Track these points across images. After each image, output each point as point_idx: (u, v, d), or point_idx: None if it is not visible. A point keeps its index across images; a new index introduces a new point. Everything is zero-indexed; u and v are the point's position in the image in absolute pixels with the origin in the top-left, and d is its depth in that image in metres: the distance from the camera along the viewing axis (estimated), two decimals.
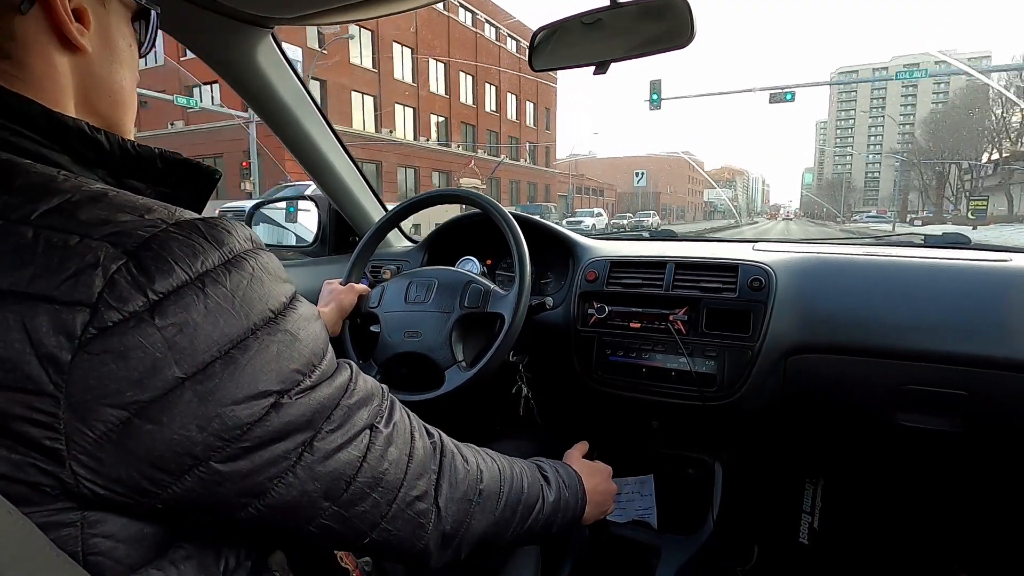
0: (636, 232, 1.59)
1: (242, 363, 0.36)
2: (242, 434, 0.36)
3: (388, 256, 1.40)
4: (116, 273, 0.33)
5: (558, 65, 0.96)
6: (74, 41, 0.42)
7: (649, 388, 1.12)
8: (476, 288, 0.98)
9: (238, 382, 0.36)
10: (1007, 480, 1.09)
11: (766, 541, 1.31)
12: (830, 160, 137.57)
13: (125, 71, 0.48)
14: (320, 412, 0.41)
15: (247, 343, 0.37)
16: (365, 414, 0.45)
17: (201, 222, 0.38)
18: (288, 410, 0.38)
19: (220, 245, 0.37)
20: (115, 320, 0.32)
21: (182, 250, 0.35)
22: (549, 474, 0.67)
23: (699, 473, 1.27)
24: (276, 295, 0.40)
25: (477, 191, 1.11)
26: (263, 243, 0.43)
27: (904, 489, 1.26)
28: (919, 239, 1.26)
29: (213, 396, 0.35)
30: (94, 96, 0.46)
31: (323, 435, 0.41)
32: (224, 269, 0.37)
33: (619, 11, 0.86)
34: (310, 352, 0.41)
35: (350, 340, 1.04)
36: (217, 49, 1.02)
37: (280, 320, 0.39)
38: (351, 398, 0.44)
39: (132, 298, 0.33)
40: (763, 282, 1.05)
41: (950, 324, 0.94)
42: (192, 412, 0.34)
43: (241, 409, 0.36)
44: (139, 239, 0.34)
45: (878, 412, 1.00)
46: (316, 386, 0.41)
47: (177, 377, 0.34)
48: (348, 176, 1.36)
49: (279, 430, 0.38)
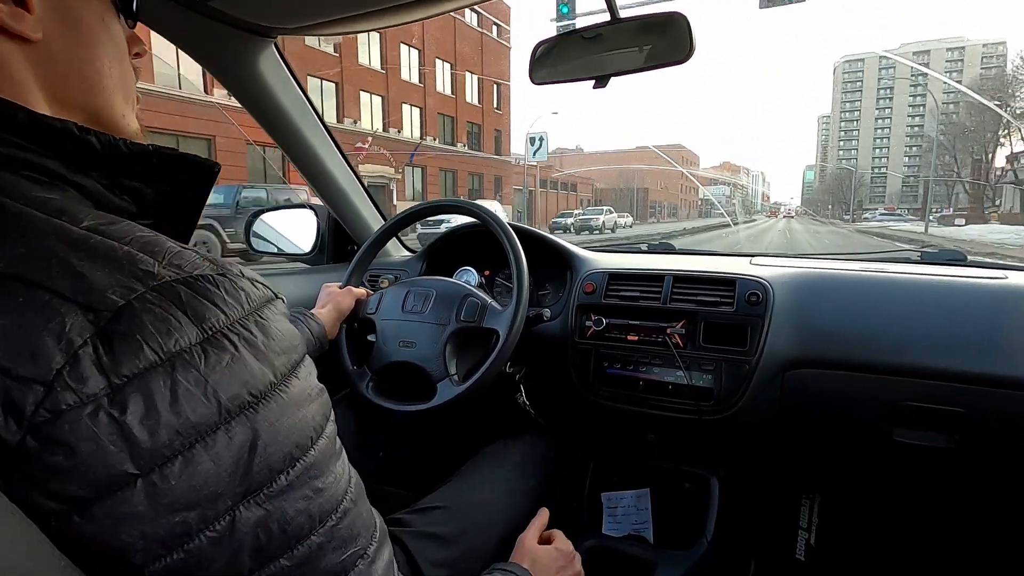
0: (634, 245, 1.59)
1: (203, 460, 0.31)
2: (184, 541, 0.31)
3: (386, 265, 1.40)
4: (81, 348, 0.29)
5: (558, 79, 0.97)
6: (9, 29, 0.36)
7: (646, 401, 1.11)
8: (473, 302, 0.98)
9: (194, 483, 0.31)
10: (1003, 497, 1.09)
11: (762, 557, 1.30)
12: (834, 154, 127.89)
13: (102, 50, 0.42)
14: (280, 541, 0.34)
15: (214, 437, 0.31)
16: (339, 557, 0.37)
17: (185, 287, 0.33)
18: (241, 521, 0.32)
19: (200, 321, 0.32)
20: (69, 403, 0.28)
21: (155, 325, 0.31)
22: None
23: (696, 487, 1.26)
24: (259, 375, 0.34)
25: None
26: (269, 294, 0.38)
27: (901, 506, 1.26)
28: (915, 255, 1.27)
29: (165, 498, 0.30)
30: (65, 87, 0.40)
31: (274, 569, 0.34)
32: (200, 349, 0.32)
33: (619, 26, 0.87)
34: (292, 443, 0.35)
35: (346, 345, 1.04)
36: (220, 58, 1.02)
37: (260, 406, 0.33)
38: (329, 535, 0.36)
39: (92, 380, 0.29)
40: (761, 296, 1.05)
41: (947, 341, 0.94)
42: (136, 515, 0.30)
43: (192, 514, 0.31)
44: (111, 306, 0.30)
45: (875, 428, 1.00)
46: (288, 491, 0.34)
47: (129, 473, 0.29)
48: (348, 185, 1.36)
49: (224, 550, 0.32)
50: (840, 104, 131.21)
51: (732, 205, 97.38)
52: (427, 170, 25.35)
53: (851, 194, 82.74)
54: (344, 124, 20.21)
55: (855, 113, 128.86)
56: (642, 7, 0.87)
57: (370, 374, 1.00)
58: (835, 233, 28.13)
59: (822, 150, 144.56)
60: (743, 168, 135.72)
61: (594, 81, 0.93)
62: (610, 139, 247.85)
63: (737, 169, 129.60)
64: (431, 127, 25.78)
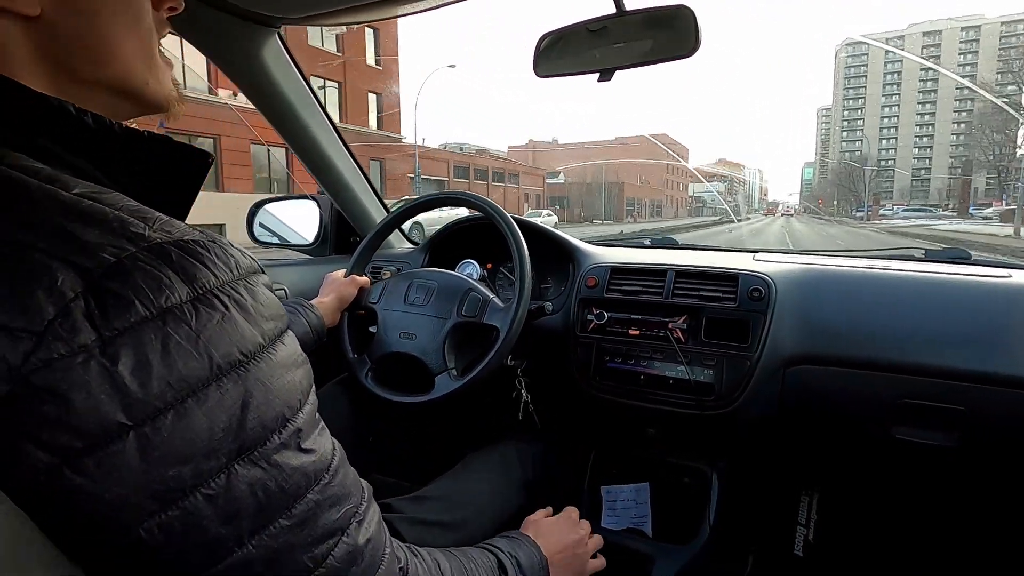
0: (637, 239, 1.59)
1: (196, 414, 0.31)
2: (178, 499, 0.31)
3: (389, 257, 1.40)
4: (72, 301, 0.29)
5: (562, 72, 0.96)
6: (3, 6, 0.36)
7: (647, 396, 1.12)
8: (475, 297, 0.99)
9: (187, 436, 0.31)
10: (1003, 496, 1.09)
11: (761, 552, 1.31)
12: (836, 147, 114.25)
13: (110, 17, 0.40)
14: (278, 499, 0.35)
15: (206, 392, 0.32)
16: (335, 515, 0.38)
17: (176, 247, 0.33)
18: (237, 481, 0.33)
19: (190, 280, 0.33)
20: (61, 352, 0.29)
21: (146, 282, 0.31)
22: (507, 566, 0.62)
23: (695, 482, 1.27)
24: (249, 336, 0.35)
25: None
26: (256, 266, 0.39)
27: (900, 503, 1.26)
28: (919, 253, 1.26)
29: (158, 451, 0.30)
30: (72, 61, 0.39)
31: (275, 530, 0.34)
32: (191, 306, 0.32)
33: (625, 19, 0.87)
34: (282, 403, 0.36)
35: (347, 333, 1.04)
36: (223, 48, 1.02)
37: (251, 364, 0.34)
38: (324, 492, 0.37)
39: (83, 331, 0.29)
40: (763, 292, 1.05)
41: (949, 339, 0.94)
42: (128, 467, 0.30)
43: (186, 469, 0.31)
44: (103, 263, 0.31)
45: (875, 425, 1.00)
46: (281, 449, 0.35)
47: (122, 424, 0.29)
48: (351, 177, 1.36)
49: (221, 508, 0.32)
50: (842, 92, 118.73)
51: (731, 202, 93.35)
52: (221, 144, 14.38)
53: (865, 187, 68.07)
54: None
55: (859, 101, 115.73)
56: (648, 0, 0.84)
57: (370, 363, 1.01)
58: (855, 234, 21.66)
59: (822, 145, 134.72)
60: (741, 165, 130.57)
61: (599, 75, 0.93)
62: (597, 132, 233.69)
63: (735, 166, 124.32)
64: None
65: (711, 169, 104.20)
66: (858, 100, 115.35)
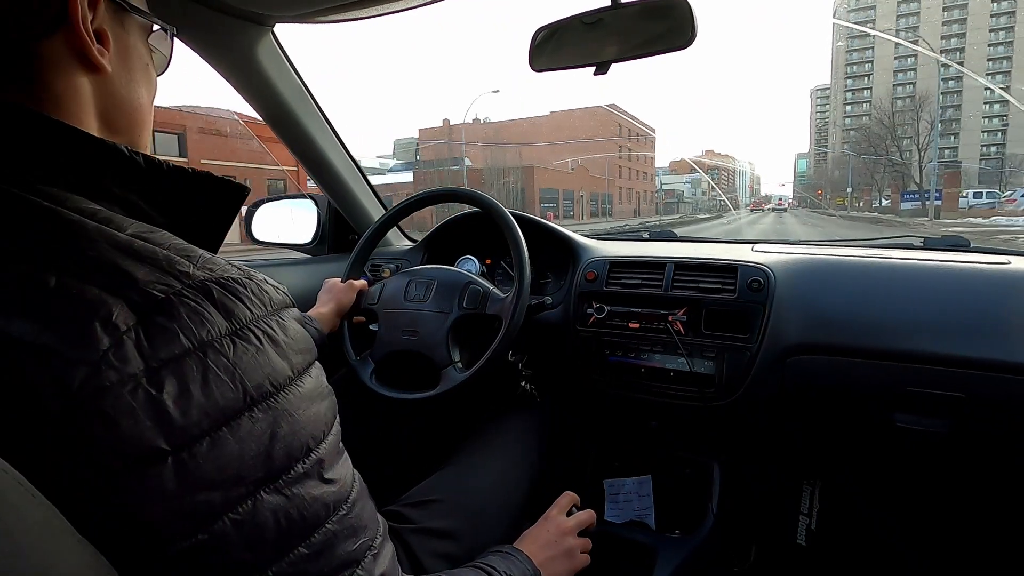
0: (636, 232, 1.59)
1: (229, 443, 0.34)
2: (207, 523, 0.33)
3: (388, 255, 1.40)
4: (125, 334, 0.32)
5: (558, 65, 0.96)
6: (95, 62, 0.42)
7: (648, 388, 1.12)
8: (475, 289, 0.99)
9: (219, 463, 0.33)
10: (1004, 482, 1.09)
11: (764, 542, 1.31)
12: (838, 130, 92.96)
13: (142, 89, 0.48)
14: (298, 527, 0.36)
15: (239, 421, 0.34)
16: (351, 547, 0.40)
17: (217, 285, 0.37)
18: (262, 507, 0.35)
19: (229, 315, 0.36)
20: (112, 380, 0.31)
21: (190, 316, 0.34)
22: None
23: (697, 474, 1.27)
24: (280, 369, 0.37)
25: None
26: (287, 300, 0.42)
27: (902, 491, 1.27)
28: (918, 241, 1.26)
29: (192, 475, 0.32)
30: (114, 116, 0.46)
31: (294, 558, 0.36)
32: (229, 340, 0.35)
33: (620, 11, 0.86)
34: (308, 435, 0.38)
35: (348, 337, 1.04)
36: (217, 47, 1.02)
37: (280, 396, 0.37)
38: (341, 522, 0.39)
39: (133, 361, 0.32)
40: (762, 283, 1.05)
41: (949, 326, 0.94)
42: (164, 490, 0.32)
43: (216, 495, 0.33)
44: (152, 300, 0.34)
45: (876, 414, 1.00)
46: (304, 480, 0.37)
47: (161, 449, 0.32)
48: (348, 175, 1.36)
49: (246, 534, 0.34)
50: (842, 69, 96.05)
51: (715, 196, 77.73)
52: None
53: (919, 154, 42.09)
54: None
55: (863, 77, 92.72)
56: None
57: (373, 364, 1.01)
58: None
59: (818, 132, 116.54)
60: (730, 156, 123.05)
61: (595, 68, 0.93)
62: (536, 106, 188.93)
63: (724, 157, 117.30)
64: None
65: (697, 160, 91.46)
66: (861, 67, 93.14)
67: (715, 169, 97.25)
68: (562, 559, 0.77)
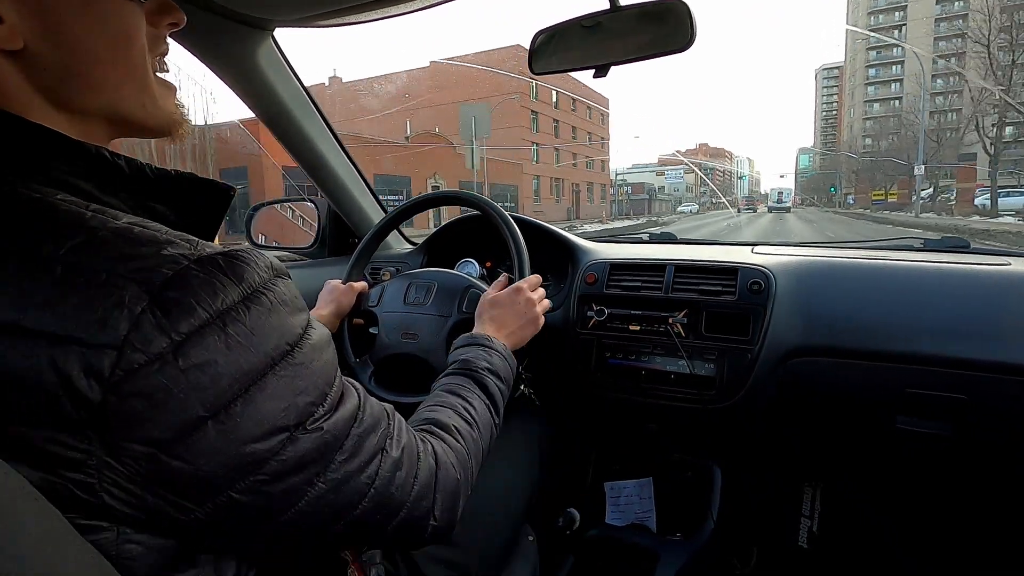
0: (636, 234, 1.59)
1: (260, 400, 0.37)
2: (259, 468, 0.37)
3: (388, 258, 1.40)
4: (141, 315, 0.33)
5: (557, 68, 0.96)
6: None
7: (648, 391, 1.12)
8: (475, 293, 0.98)
9: (256, 419, 0.37)
10: (1006, 484, 1.09)
11: (765, 544, 1.31)
12: (857, 109, 71.02)
13: (95, 43, 0.41)
14: (332, 443, 0.42)
15: (265, 380, 0.37)
16: (374, 439, 0.46)
17: (222, 257, 0.38)
18: (302, 444, 0.39)
19: (239, 281, 0.38)
20: (140, 362, 0.33)
21: (203, 288, 0.36)
22: (494, 392, 0.70)
23: (698, 476, 1.27)
24: (291, 326, 0.40)
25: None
26: (283, 267, 0.43)
27: (903, 493, 1.26)
28: (919, 243, 1.26)
29: (234, 433, 0.36)
30: (63, 91, 0.41)
31: (336, 465, 0.42)
32: (244, 305, 0.37)
33: (619, 14, 0.86)
34: (323, 382, 0.42)
35: (348, 339, 1.04)
36: (217, 51, 1.02)
37: (296, 352, 0.40)
38: (360, 426, 0.45)
39: (156, 340, 0.33)
40: (762, 285, 1.05)
41: (950, 328, 0.94)
42: (214, 448, 0.35)
43: (259, 445, 0.37)
44: (162, 277, 0.35)
45: (877, 416, 1.00)
46: (328, 415, 0.42)
47: (200, 416, 0.34)
48: (348, 178, 1.36)
49: (294, 463, 0.39)
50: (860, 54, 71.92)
51: (703, 193, 69.03)
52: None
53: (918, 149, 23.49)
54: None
55: (894, 33, 65.40)
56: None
57: (372, 366, 1.01)
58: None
59: (821, 122, 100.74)
60: (726, 151, 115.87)
61: (594, 71, 0.93)
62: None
63: (719, 152, 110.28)
64: None
65: (690, 154, 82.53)
66: (891, 30, 65.85)
67: (708, 166, 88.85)
68: (528, 325, 0.86)
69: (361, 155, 22.34)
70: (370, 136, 26.07)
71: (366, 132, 28.95)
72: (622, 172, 61.90)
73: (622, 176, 58.67)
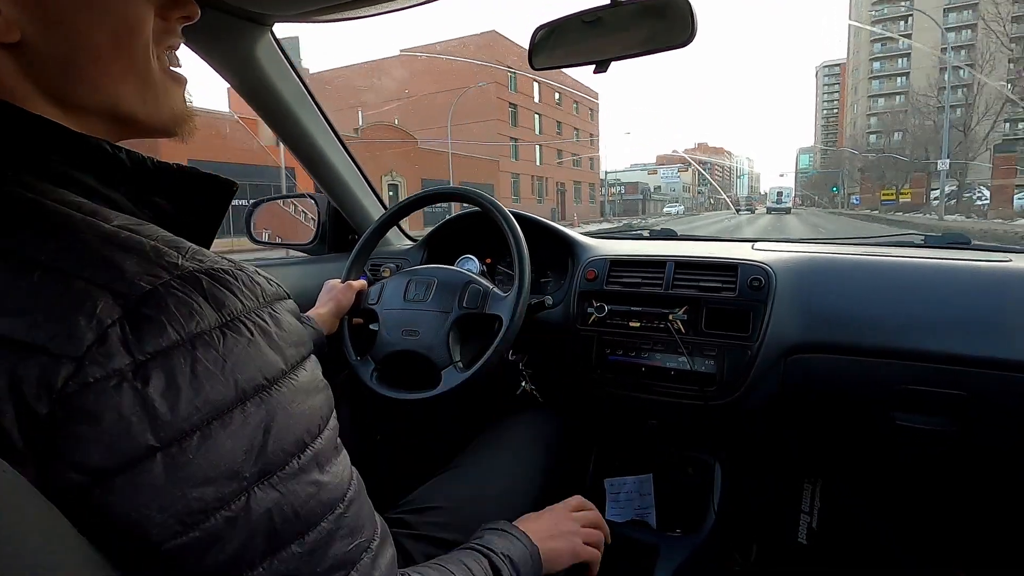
0: (636, 231, 1.59)
1: (220, 437, 0.33)
2: (203, 520, 0.32)
3: (387, 254, 1.40)
4: (110, 327, 0.31)
5: (558, 63, 0.96)
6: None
7: (648, 387, 1.12)
8: (475, 288, 0.98)
9: (212, 459, 0.32)
10: (1006, 480, 1.09)
11: (765, 541, 1.31)
12: (861, 104, 68.33)
13: (96, 36, 0.40)
14: (292, 521, 0.35)
15: (231, 415, 0.33)
16: (345, 547, 0.38)
17: (207, 276, 0.35)
18: (256, 501, 0.34)
19: (219, 307, 0.35)
20: (96, 376, 0.30)
21: (178, 308, 0.33)
22: (501, 568, 0.60)
23: (698, 472, 1.27)
24: (272, 362, 0.36)
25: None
26: (281, 292, 0.40)
27: (903, 489, 1.26)
28: (919, 239, 1.26)
29: (183, 471, 0.31)
30: (62, 86, 0.40)
31: (286, 555, 0.35)
32: (219, 332, 0.34)
33: (619, 9, 0.86)
34: (303, 430, 0.37)
35: (348, 337, 1.04)
36: (215, 46, 1.01)
37: (273, 390, 0.35)
38: (336, 522, 0.38)
39: (118, 356, 0.31)
40: (763, 281, 1.05)
41: (950, 324, 0.94)
42: (157, 488, 0.31)
43: (207, 489, 0.32)
44: (139, 291, 0.32)
45: (877, 412, 1.00)
46: (300, 474, 0.36)
47: (150, 446, 0.31)
48: (347, 174, 1.36)
49: (240, 531, 0.33)
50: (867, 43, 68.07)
51: (700, 193, 68.58)
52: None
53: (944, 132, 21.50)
54: None
55: (900, 24, 63.07)
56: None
57: (374, 364, 1.01)
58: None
59: (822, 118, 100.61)
60: (725, 150, 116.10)
61: (594, 66, 0.93)
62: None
63: (717, 151, 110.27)
64: None
65: (688, 154, 78.72)
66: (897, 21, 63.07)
67: (706, 164, 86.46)
68: (560, 539, 0.73)
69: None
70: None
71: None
72: (614, 171, 58.91)
73: (615, 175, 55.72)
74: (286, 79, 1.13)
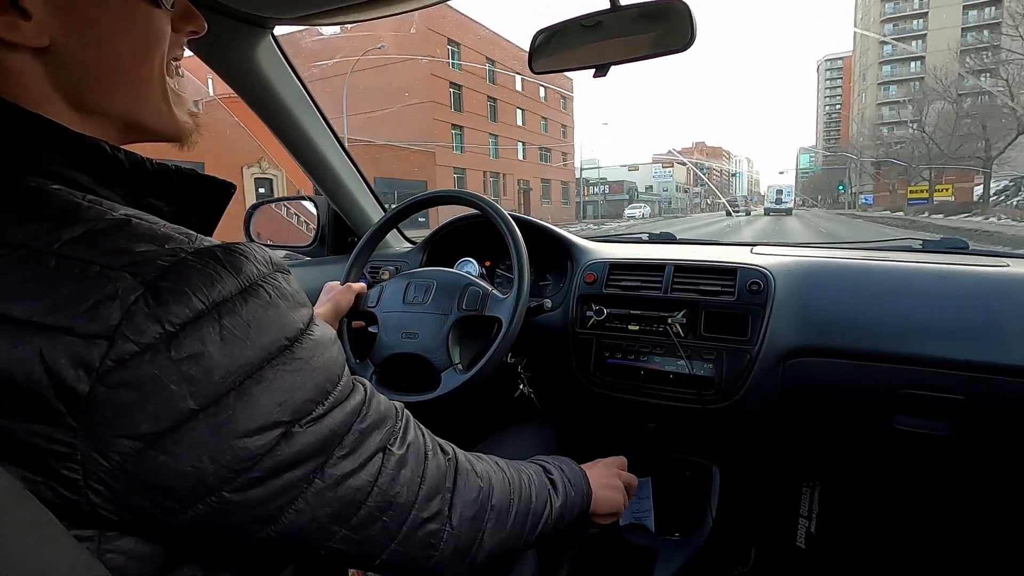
0: (635, 234, 1.59)
1: (255, 395, 0.36)
2: (253, 464, 0.36)
3: (387, 257, 1.40)
4: (134, 304, 0.32)
5: (558, 68, 0.96)
6: (5, 40, 0.37)
7: (647, 391, 1.12)
8: (474, 291, 0.98)
9: (250, 414, 0.36)
10: (1004, 484, 1.09)
11: (763, 544, 1.31)
12: (870, 93, 62.65)
13: (122, 48, 0.41)
14: (331, 439, 0.40)
15: (261, 374, 0.36)
16: (378, 437, 0.44)
17: (220, 249, 0.37)
18: (299, 439, 0.38)
19: (237, 273, 0.37)
20: (131, 352, 0.32)
21: (200, 279, 0.35)
22: (555, 476, 0.67)
23: (697, 476, 1.27)
24: (291, 322, 0.39)
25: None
26: (282, 263, 0.42)
27: (901, 493, 1.27)
28: (917, 243, 1.27)
29: (225, 428, 0.35)
30: (83, 92, 0.41)
31: (334, 461, 0.41)
32: (241, 298, 0.36)
33: (619, 14, 0.86)
34: (324, 379, 0.41)
35: (347, 340, 1.04)
36: (216, 49, 1.01)
37: (295, 348, 0.39)
38: (363, 422, 0.43)
39: (148, 329, 0.32)
40: (761, 285, 1.05)
41: (948, 329, 0.94)
42: (204, 444, 0.34)
43: (252, 440, 0.36)
44: (158, 268, 0.34)
45: (875, 416, 1.00)
46: (328, 413, 0.40)
47: (191, 409, 0.33)
48: (347, 177, 1.36)
49: (290, 459, 0.38)
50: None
51: (697, 193, 67.70)
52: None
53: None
54: None
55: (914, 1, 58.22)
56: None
57: (373, 367, 1.00)
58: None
59: (825, 112, 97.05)
60: (723, 150, 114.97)
61: (594, 70, 0.93)
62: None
63: (716, 151, 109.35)
64: None
65: (685, 153, 77.69)
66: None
67: (704, 165, 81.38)
68: (611, 491, 0.78)
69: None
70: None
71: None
72: (595, 167, 53.73)
73: (597, 172, 50.99)
74: (286, 82, 1.13)
